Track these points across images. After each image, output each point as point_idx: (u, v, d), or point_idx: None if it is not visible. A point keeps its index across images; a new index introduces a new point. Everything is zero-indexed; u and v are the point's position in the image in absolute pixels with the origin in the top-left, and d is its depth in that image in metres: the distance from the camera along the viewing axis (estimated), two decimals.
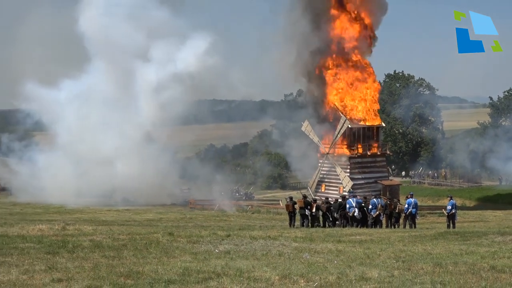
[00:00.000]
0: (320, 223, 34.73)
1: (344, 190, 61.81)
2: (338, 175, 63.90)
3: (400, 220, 36.06)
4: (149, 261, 14.90)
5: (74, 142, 67.38)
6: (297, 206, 34.93)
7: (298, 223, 34.76)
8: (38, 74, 71.85)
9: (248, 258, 15.75)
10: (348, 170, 63.11)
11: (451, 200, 36.04)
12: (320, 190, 65.73)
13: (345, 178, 62.74)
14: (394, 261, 15.47)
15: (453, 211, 35.26)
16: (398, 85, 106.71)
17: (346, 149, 64.03)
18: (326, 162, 65.52)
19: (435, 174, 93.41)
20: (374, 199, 35.03)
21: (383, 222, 35.62)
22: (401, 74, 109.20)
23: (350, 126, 62.53)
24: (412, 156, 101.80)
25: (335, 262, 15.28)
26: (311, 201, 36.19)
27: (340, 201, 35.29)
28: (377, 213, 33.99)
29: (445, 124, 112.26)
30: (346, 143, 64.09)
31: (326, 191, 63.67)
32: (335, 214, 34.37)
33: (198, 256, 16.07)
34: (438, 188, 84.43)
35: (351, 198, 34.88)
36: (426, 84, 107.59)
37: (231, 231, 24.14)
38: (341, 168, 63.63)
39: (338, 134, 63.13)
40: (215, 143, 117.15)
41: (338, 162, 64.11)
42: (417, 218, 36.13)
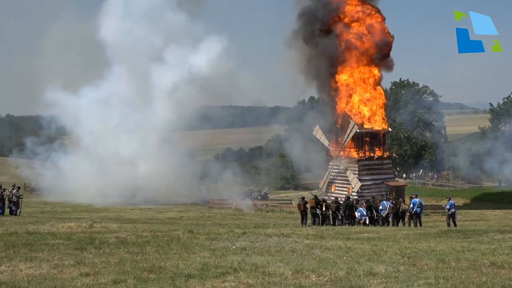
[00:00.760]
0: (330, 222, 34.66)
1: (353, 190, 61.81)
2: (347, 177, 63.83)
3: (405, 218, 36.02)
4: (170, 256, 14.91)
5: (96, 145, 67.49)
6: (308, 206, 34.84)
7: (309, 222, 34.64)
8: (61, 81, 71.78)
9: (263, 254, 15.72)
10: (356, 172, 63.01)
11: (450, 200, 35.86)
12: (330, 191, 65.69)
13: (353, 179, 62.67)
14: (400, 257, 15.41)
15: (452, 210, 35.06)
16: (403, 92, 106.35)
17: (355, 152, 63.92)
18: (336, 164, 65.45)
19: (435, 176, 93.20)
20: (384, 202, 34.91)
21: (390, 221, 35.54)
22: (406, 82, 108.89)
23: (358, 131, 62.42)
24: (416, 158, 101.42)
25: (345, 258, 15.22)
26: (321, 201, 36.10)
27: (346, 201, 35.27)
28: (386, 213, 34.00)
29: (447, 128, 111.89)
30: (355, 147, 63.97)
31: (336, 191, 63.60)
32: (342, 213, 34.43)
33: (216, 252, 16.06)
34: (441, 189, 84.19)
35: (360, 205, 34.76)
36: (429, 91, 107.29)
37: (247, 229, 24.12)
38: (350, 170, 63.54)
39: (347, 138, 63.06)
40: (231, 147, 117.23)
41: (347, 164, 64.02)
42: (422, 217, 36.00)
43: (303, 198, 36.18)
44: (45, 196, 64.18)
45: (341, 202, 35.15)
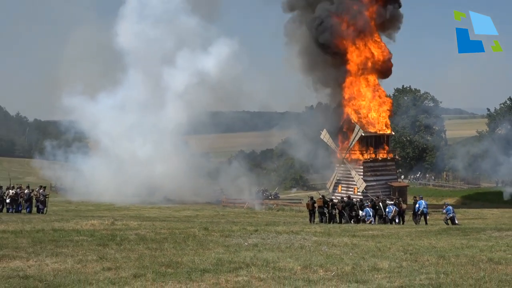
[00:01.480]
0: (336, 220, 34.64)
1: (358, 190, 61.74)
2: (353, 177, 63.72)
3: (405, 217, 36.18)
4: (186, 252, 14.94)
5: (114, 147, 67.49)
6: (316, 205, 34.83)
7: (317, 220, 34.60)
8: (80, 87, 71.87)
9: (273, 250, 15.72)
10: (361, 173, 62.86)
11: (448, 206, 34.79)
12: (337, 191, 65.61)
13: (359, 180, 62.54)
14: (403, 253, 15.38)
15: (451, 215, 34.18)
16: (406, 98, 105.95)
17: (360, 154, 63.78)
18: (342, 166, 65.36)
19: (432, 177, 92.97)
20: (391, 206, 34.71)
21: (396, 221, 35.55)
22: (408, 89, 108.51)
23: (363, 134, 62.31)
24: (417, 160, 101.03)
25: (350, 254, 15.21)
26: (329, 200, 36.09)
27: (349, 201, 35.29)
28: (392, 215, 33.95)
29: (447, 132, 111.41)
30: (360, 149, 63.84)
31: (342, 192, 63.51)
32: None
33: (230, 248, 16.06)
34: (442, 189, 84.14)
35: (368, 206, 34.63)
36: (430, 97, 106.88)
37: (259, 227, 24.10)
38: (355, 171, 63.43)
39: (353, 141, 62.95)
40: (244, 149, 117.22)
41: (353, 166, 63.90)
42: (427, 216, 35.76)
43: (312, 198, 36.15)
44: (69, 195, 64.41)
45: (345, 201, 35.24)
